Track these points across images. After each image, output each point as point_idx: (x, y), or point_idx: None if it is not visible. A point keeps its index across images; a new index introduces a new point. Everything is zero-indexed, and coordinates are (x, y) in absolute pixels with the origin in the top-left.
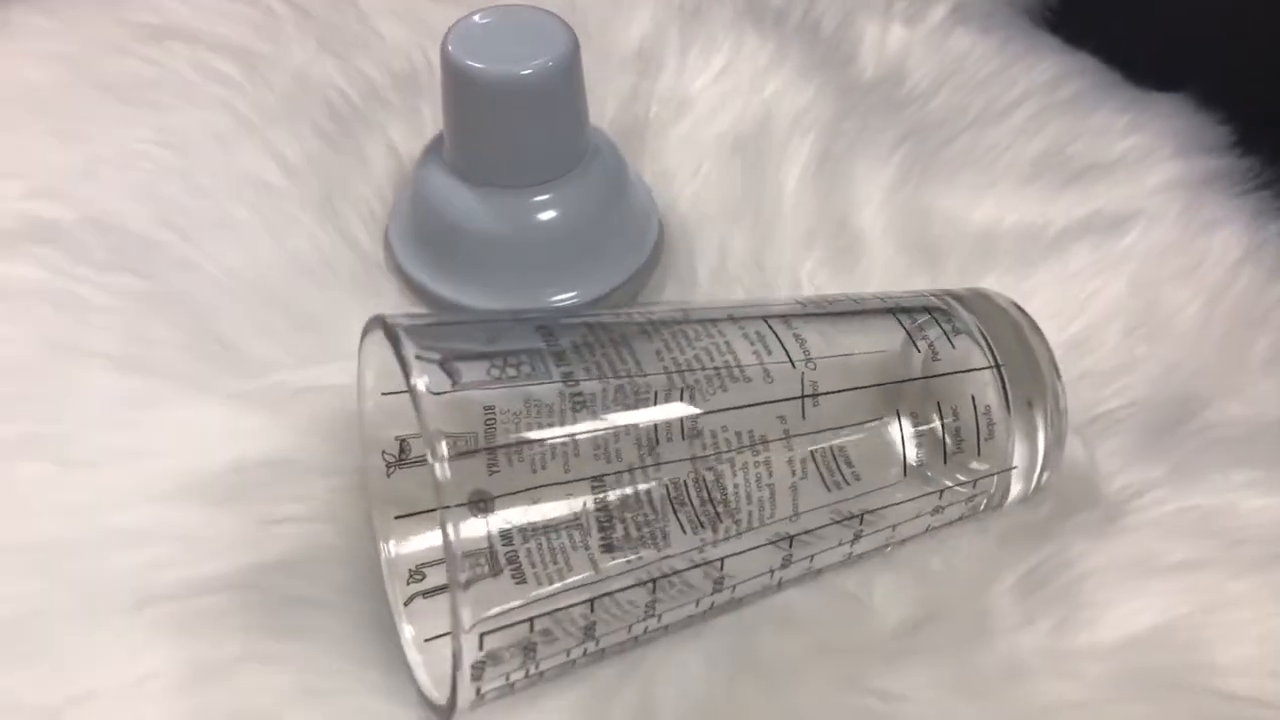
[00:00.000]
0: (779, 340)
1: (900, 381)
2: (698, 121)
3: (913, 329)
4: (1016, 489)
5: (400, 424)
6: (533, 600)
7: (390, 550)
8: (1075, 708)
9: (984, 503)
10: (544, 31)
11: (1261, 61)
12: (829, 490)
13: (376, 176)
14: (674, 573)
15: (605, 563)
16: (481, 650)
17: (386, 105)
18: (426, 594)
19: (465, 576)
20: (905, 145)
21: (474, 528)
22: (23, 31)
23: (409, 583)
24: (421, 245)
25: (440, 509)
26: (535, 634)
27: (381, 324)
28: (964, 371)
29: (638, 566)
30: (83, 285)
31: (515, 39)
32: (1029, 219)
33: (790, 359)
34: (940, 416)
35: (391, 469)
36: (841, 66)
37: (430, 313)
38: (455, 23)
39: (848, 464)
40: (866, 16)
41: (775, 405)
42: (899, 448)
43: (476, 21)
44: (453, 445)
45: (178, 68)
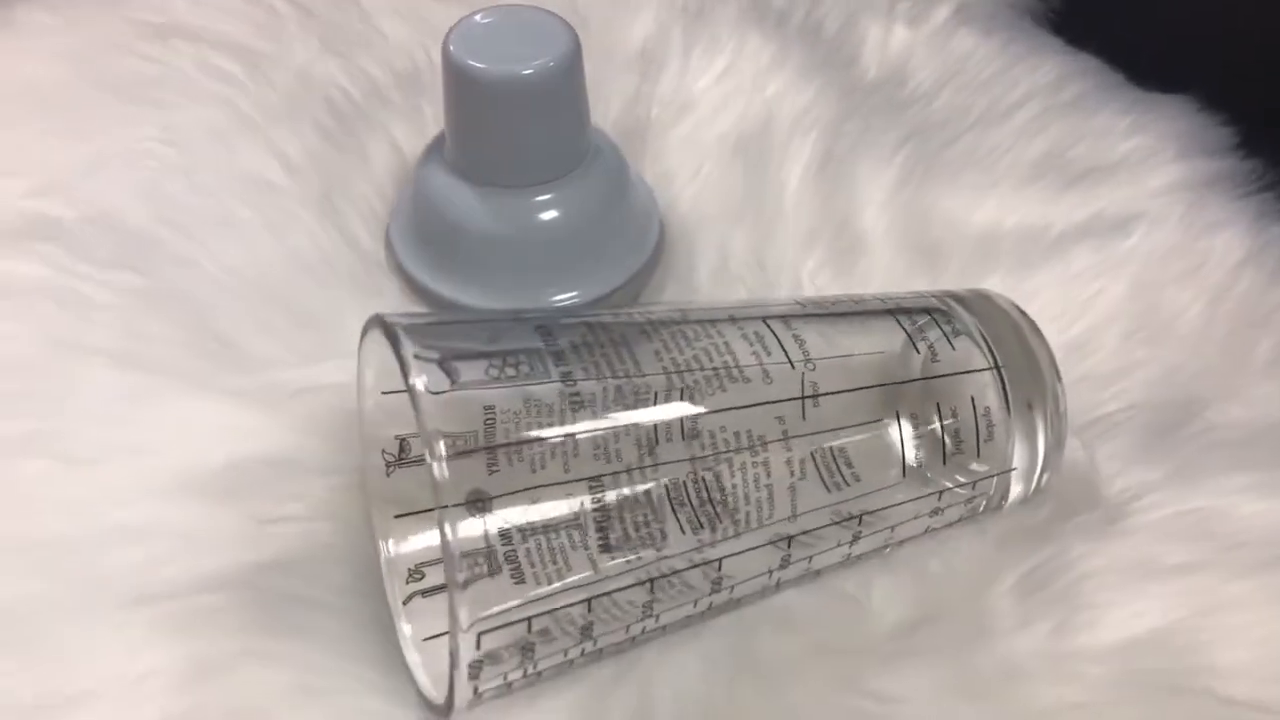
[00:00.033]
0: (778, 341)
1: (900, 383)
2: (699, 122)
3: (913, 330)
4: (1016, 491)
5: (400, 423)
6: (531, 600)
7: (389, 549)
8: (1074, 710)
9: (983, 504)
10: (545, 31)
11: (1265, 63)
12: (828, 491)
13: (378, 176)
14: (673, 573)
15: (604, 563)
16: (479, 650)
17: (388, 104)
18: (425, 593)
19: (464, 576)
20: (907, 146)
21: (473, 527)
22: (27, 29)
23: (408, 582)
24: (423, 245)
25: (438, 509)
26: (533, 634)
27: (380, 323)
28: (964, 373)
29: (636, 567)
30: (84, 283)
31: (517, 39)
32: (1031, 220)
33: (790, 360)
34: (940, 418)
35: (391, 468)
36: (844, 67)
37: (430, 312)
38: (457, 22)
39: (847, 465)
40: (869, 17)
41: (774, 406)
42: (898, 449)
43: (478, 21)
44: (451, 445)
45: (180, 66)
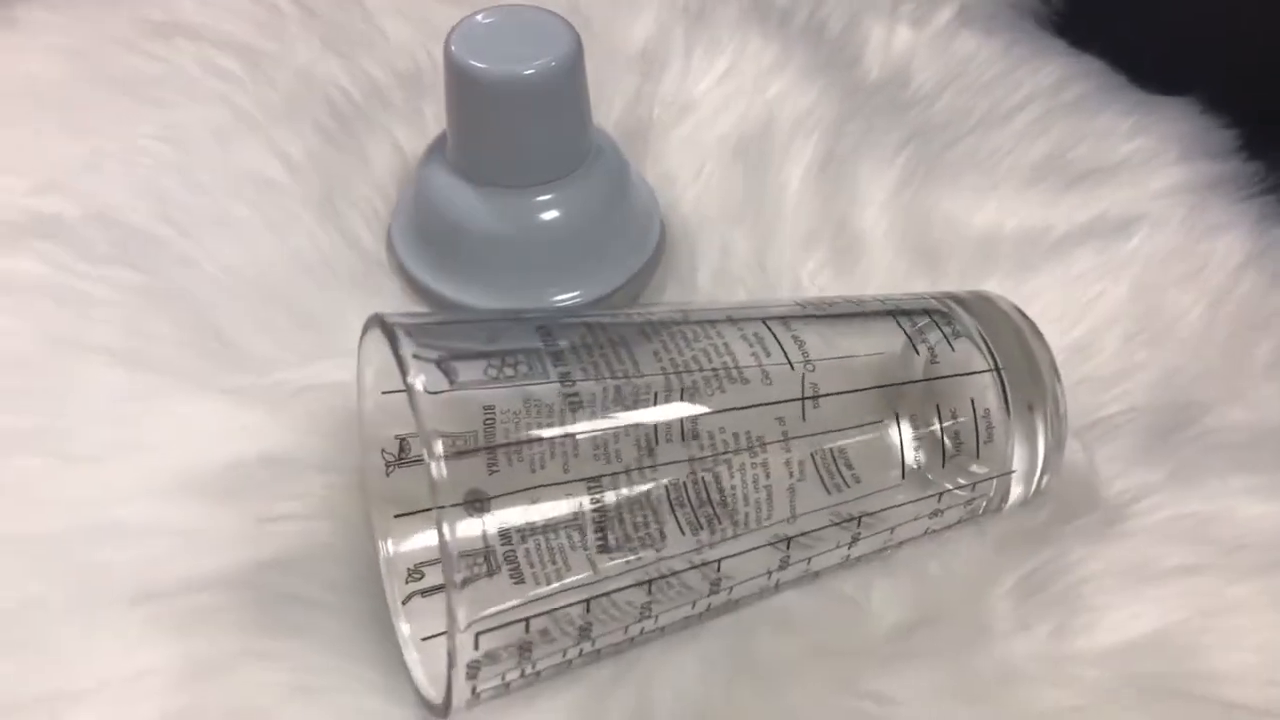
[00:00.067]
0: (778, 342)
1: (900, 384)
2: (701, 122)
3: (913, 331)
4: (1016, 492)
5: (400, 423)
6: (530, 600)
7: (389, 549)
8: (1072, 713)
9: (983, 506)
10: (547, 32)
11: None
12: (828, 492)
13: (379, 175)
14: (671, 574)
15: (603, 563)
16: (477, 650)
17: (390, 104)
18: (424, 593)
19: (462, 576)
20: (909, 147)
21: (471, 527)
22: (29, 26)
23: (407, 581)
24: (424, 245)
25: (436, 508)
26: (532, 634)
27: (380, 322)
28: (964, 374)
29: (635, 567)
30: (84, 280)
31: (518, 39)
32: (1032, 222)
33: (789, 361)
34: (940, 419)
35: (391, 468)
36: (846, 68)
37: (429, 311)
38: (459, 22)
39: (847, 466)
40: (872, 18)
41: (774, 407)
42: (898, 450)
43: (480, 21)
44: (450, 445)
45: (182, 64)
